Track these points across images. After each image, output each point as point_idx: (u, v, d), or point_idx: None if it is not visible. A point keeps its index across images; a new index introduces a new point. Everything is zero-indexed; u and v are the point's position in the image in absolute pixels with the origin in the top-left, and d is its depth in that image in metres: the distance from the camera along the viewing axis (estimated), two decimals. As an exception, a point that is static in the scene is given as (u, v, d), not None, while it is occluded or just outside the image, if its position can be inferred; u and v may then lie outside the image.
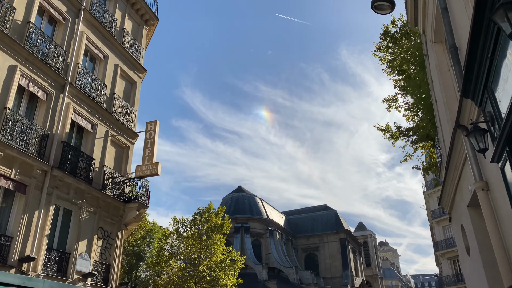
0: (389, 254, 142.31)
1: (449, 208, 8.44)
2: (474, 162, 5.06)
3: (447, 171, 7.13)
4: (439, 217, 41.08)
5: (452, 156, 6.39)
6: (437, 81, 7.78)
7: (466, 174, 6.02)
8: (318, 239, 66.89)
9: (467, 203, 6.19)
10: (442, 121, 7.90)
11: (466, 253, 7.13)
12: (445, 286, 39.09)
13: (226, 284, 32.87)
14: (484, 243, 5.95)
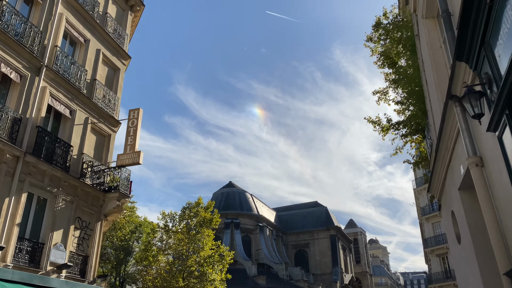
0: (379, 252, 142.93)
1: (439, 194, 8.00)
2: (467, 136, 4.59)
3: (436, 154, 6.67)
4: (429, 213, 40.95)
5: (442, 135, 5.92)
6: (428, 59, 7.31)
7: (458, 153, 5.55)
8: (308, 236, 66.60)
9: (458, 185, 5.73)
10: (432, 102, 7.45)
11: (456, 242, 6.70)
12: (434, 283, 38.96)
13: (214, 279, 32.45)
14: (476, 228, 5.51)
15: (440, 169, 6.88)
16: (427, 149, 13.23)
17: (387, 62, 17.37)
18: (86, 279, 13.70)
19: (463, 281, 6.77)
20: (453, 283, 36.63)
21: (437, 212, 39.90)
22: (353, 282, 68.00)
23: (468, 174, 5.23)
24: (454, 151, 5.73)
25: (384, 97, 19.23)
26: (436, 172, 7.35)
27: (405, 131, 18.58)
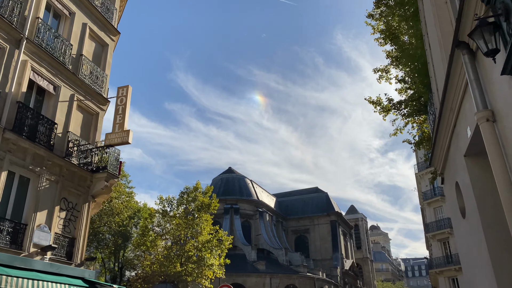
0: (380, 238, 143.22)
1: (442, 166, 7.35)
2: (476, 87, 3.92)
3: (440, 120, 6.01)
4: (430, 198, 40.40)
5: (447, 95, 5.24)
6: (431, 18, 6.58)
7: (465, 113, 4.88)
8: (308, 221, 66.35)
9: (464, 151, 5.08)
10: (436, 65, 6.75)
11: (460, 216, 6.08)
12: (435, 268, 38.60)
13: (212, 264, 32.17)
14: (483, 199, 4.87)
15: (444, 136, 6.21)
16: (429, 124, 12.56)
17: (390, 38, 16.63)
18: (73, 261, 13.19)
19: (468, 258, 6.18)
20: (454, 268, 36.29)
21: (439, 196, 39.38)
22: (353, 268, 67.96)
23: (475, 137, 4.58)
24: (460, 112, 5.07)
25: (385, 76, 18.51)
26: (439, 141, 6.68)
27: (407, 111, 17.91)
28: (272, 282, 44.68)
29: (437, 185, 40.37)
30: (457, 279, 36.75)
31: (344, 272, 60.60)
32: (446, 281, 37.78)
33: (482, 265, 5.00)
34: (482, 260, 4.89)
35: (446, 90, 4.97)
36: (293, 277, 46.78)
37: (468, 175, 5.03)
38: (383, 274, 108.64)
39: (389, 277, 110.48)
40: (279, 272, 46.75)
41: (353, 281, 66.03)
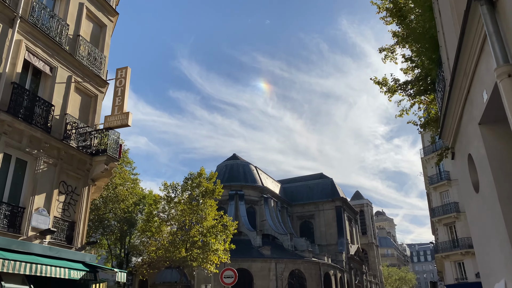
0: (385, 224, 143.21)
1: (453, 138, 6.95)
2: (496, 41, 3.51)
3: (451, 87, 5.58)
4: (437, 182, 39.99)
5: (460, 58, 4.82)
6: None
7: (481, 74, 4.47)
8: (313, 207, 66.26)
9: (479, 119, 4.68)
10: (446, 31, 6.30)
11: (473, 191, 5.70)
12: (440, 252, 38.40)
13: (217, 249, 32.17)
14: (500, 170, 4.50)
15: (456, 105, 5.80)
16: (437, 103, 12.10)
17: (397, 15, 16.06)
18: (73, 245, 13.01)
19: (481, 235, 5.83)
20: (460, 252, 36.08)
21: (445, 181, 38.97)
22: (359, 253, 68.00)
23: (492, 101, 4.18)
24: (475, 75, 4.65)
25: (391, 55, 17.99)
26: (451, 111, 6.27)
27: (413, 91, 17.45)
28: (278, 267, 44.74)
29: (444, 169, 39.94)
30: (463, 263, 36.56)
31: (349, 257, 60.66)
32: (452, 265, 37.60)
33: (498, 241, 4.65)
34: (499, 236, 4.54)
35: (460, 52, 4.55)
36: (298, 262, 46.82)
37: (483, 145, 4.64)
38: (388, 259, 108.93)
39: (395, 262, 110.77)
40: (284, 257, 46.80)
41: (358, 266, 66.12)
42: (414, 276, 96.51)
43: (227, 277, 14.37)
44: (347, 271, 58.50)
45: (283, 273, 44.30)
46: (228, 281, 14.28)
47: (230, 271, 14.52)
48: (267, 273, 44.31)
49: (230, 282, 14.25)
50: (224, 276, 14.44)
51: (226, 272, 14.54)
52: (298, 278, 45.28)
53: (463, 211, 37.13)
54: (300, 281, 45.31)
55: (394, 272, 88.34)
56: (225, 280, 14.37)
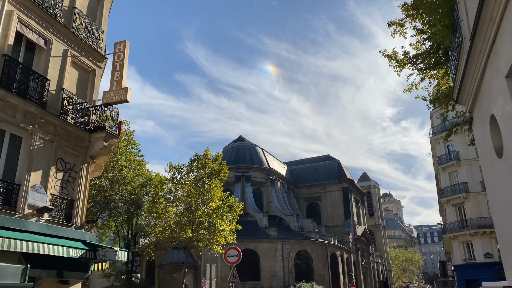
0: (392, 206, 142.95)
1: (472, 101, 6.36)
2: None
3: (473, 41, 4.97)
4: (446, 163, 39.32)
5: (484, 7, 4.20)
6: None
7: (510, 20, 3.86)
8: (320, 189, 65.98)
9: (506, 71, 4.10)
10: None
11: (495, 156, 5.15)
12: (448, 233, 37.97)
13: (223, 229, 32.10)
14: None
15: (478, 60, 5.20)
16: (451, 73, 11.43)
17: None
18: (72, 224, 12.70)
19: (502, 207, 5.30)
20: (468, 233, 35.63)
21: (454, 161, 38.28)
22: (365, 234, 67.88)
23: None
24: (503, 20, 4.04)
25: (400, 30, 17.29)
26: (471, 67, 5.67)
27: (424, 65, 16.79)
28: (284, 247, 44.72)
29: (453, 149, 39.19)
30: (472, 244, 36.14)
31: (356, 238, 60.55)
32: (460, 246, 37.21)
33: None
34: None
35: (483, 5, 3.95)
36: (304, 243, 46.74)
37: (510, 101, 4.08)
38: (395, 240, 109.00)
39: (402, 243, 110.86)
40: (291, 238, 46.73)
41: (365, 247, 66.07)
42: (421, 257, 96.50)
43: (231, 256, 14.04)
44: (354, 252, 58.46)
45: (289, 253, 44.28)
46: (232, 260, 13.96)
47: (234, 250, 14.18)
48: (274, 254, 44.33)
49: (234, 261, 13.93)
50: (228, 255, 14.12)
51: (230, 251, 14.20)
52: (305, 258, 45.27)
53: (472, 191, 36.55)
54: (306, 262, 45.30)
55: (401, 254, 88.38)
56: (229, 259, 14.05)
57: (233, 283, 13.69)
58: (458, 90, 6.74)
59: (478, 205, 36.18)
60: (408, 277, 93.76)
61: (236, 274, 13.95)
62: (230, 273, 13.93)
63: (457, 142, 38.98)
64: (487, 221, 35.35)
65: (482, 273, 34.19)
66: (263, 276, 43.29)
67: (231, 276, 13.78)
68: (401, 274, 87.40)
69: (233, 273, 13.81)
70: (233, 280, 13.65)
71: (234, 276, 13.73)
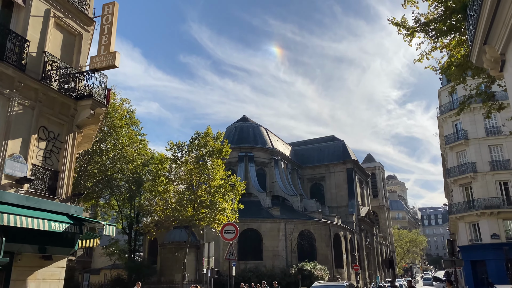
0: (397, 188, 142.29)
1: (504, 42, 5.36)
2: None
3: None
4: (453, 142, 38.18)
5: None
6: None
7: None
8: (324, 169, 65.16)
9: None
10: None
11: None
12: (454, 213, 37.11)
13: (224, 208, 31.49)
14: None
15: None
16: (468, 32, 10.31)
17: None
18: (57, 196, 11.90)
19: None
20: (475, 213, 34.78)
21: (462, 140, 37.16)
22: (369, 215, 67.33)
23: None
24: None
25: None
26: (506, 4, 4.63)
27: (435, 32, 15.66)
28: (287, 227, 44.19)
29: (461, 128, 38.02)
30: (478, 225, 35.31)
31: (359, 219, 59.99)
32: (466, 226, 36.40)
33: None
34: None
35: None
36: (308, 222, 46.18)
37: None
38: (399, 222, 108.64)
39: (405, 225, 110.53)
40: (294, 217, 46.17)
41: (369, 228, 65.59)
42: (425, 239, 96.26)
43: (228, 232, 13.23)
44: (357, 233, 57.97)
45: (292, 233, 43.77)
46: (228, 236, 13.16)
47: (231, 226, 13.38)
48: (277, 233, 43.85)
49: (231, 237, 13.14)
50: (225, 232, 13.30)
51: (227, 227, 13.39)
52: (308, 238, 44.77)
53: (480, 171, 35.54)
54: (309, 241, 44.82)
55: (405, 235, 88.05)
56: (226, 235, 13.25)
57: (230, 260, 12.92)
58: (487, 33, 5.73)
59: (486, 185, 35.20)
60: (411, 258, 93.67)
61: (233, 251, 13.19)
62: (227, 250, 13.15)
63: (466, 121, 37.78)
64: (495, 201, 34.44)
65: (488, 254, 33.48)
66: (266, 255, 42.90)
67: (227, 253, 13.01)
68: (404, 255, 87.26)
69: (230, 250, 13.03)
70: (230, 258, 12.89)
71: (231, 253, 12.96)
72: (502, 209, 33.89)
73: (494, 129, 36.69)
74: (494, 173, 35.22)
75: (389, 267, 14.74)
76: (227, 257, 13.03)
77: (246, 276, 37.12)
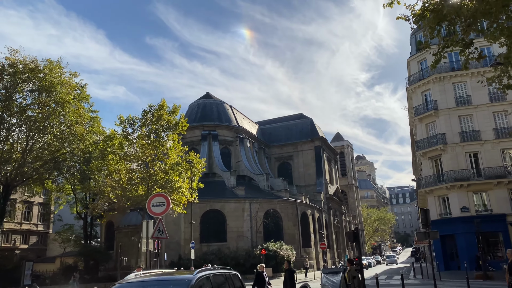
0: (366, 167, 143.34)
1: None
2: None
3: None
4: (422, 113, 36.66)
5: None
6: None
7: None
8: (292, 148, 63.29)
9: None
10: None
11: None
12: (424, 187, 35.82)
13: (180, 186, 28.79)
14: None
15: None
16: None
17: None
18: None
19: None
20: (445, 186, 33.56)
21: (432, 111, 35.70)
22: (338, 194, 66.26)
23: None
24: None
25: None
26: None
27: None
28: (252, 207, 42.08)
29: (431, 99, 36.54)
30: (448, 198, 34.16)
31: (328, 198, 58.70)
32: (436, 200, 35.22)
33: None
34: None
35: None
36: (274, 201, 44.19)
37: None
38: (368, 201, 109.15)
39: (374, 204, 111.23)
40: (259, 197, 44.05)
41: (337, 206, 64.57)
42: (393, 216, 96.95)
43: (157, 205, 10.53)
44: (326, 211, 56.66)
45: (257, 213, 41.66)
46: (157, 210, 10.49)
47: (161, 198, 10.66)
48: (241, 214, 41.67)
49: (160, 211, 10.47)
50: (153, 204, 10.57)
51: (155, 198, 10.63)
52: (274, 217, 42.81)
53: (450, 142, 34.25)
54: (275, 221, 42.90)
55: (373, 213, 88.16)
56: (154, 209, 10.54)
57: (159, 240, 10.29)
58: None
59: (456, 157, 33.94)
60: (380, 236, 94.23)
61: (164, 228, 10.49)
62: (155, 227, 10.48)
63: (435, 91, 36.32)
64: (465, 173, 33.28)
65: (458, 227, 32.41)
66: (230, 237, 40.73)
67: (156, 230, 10.36)
68: (373, 233, 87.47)
69: (158, 227, 10.36)
70: (159, 236, 10.25)
71: (160, 230, 10.29)
72: (472, 181, 32.78)
73: (464, 98, 35.39)
74: (464, 144, 33.99)
75: (353, 241, 12.58)
76: (154, 235, 10.37)
77: (207, 259, 34.77)
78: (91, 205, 33.59)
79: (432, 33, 15.12)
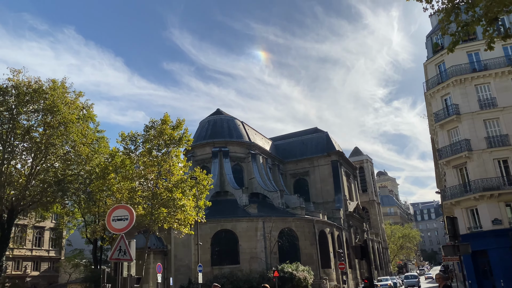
0: (388, 183, 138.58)
1: None
2: None
3: None
4: (443, 119, 33.96)
5: None
6: None
7: None
8: (307, 163, 60.73)
9: None
10: None
11: None
12: (449, 199, 32.80)
13: (183, 204, 26.86)
14: None
15: None
16: None
17: None
18: None
19: None
20: (473, 197, 30.50)
21: (453, 116, 32.99)
22: (358, 210, 62.96)
23: None
24: None
25: None
26: None
27: None
28: (265, 226, 39.64)
29: (451, 103, 33.88)
30: (477, 210, 31.05)
31: (348, 214, 55.60)
32: (463, 213, 32.01)
33: None
34: None
35: None
36: (288, 220, 41.66)
37: None
38: (391, 217, 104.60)
39: (398, 220, 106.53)
40: (273, 215, 41.56)
41: (358, 223, 61.22)
42: (418, 233, 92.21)
43: (118, 219, 8.53)
44: (346, 229, 53.56)
45: (271, 232, 39.17)
46: (118, 225, 8.45)
47: (123, 210, 8.64)
48: (254, 233, 39.26)
49: (122, 226, 8.46)
50: (113, 218, 8.57)
51: (116, 211, 8.57)
52: (289, 237, 40.24)
53: (476, 149, 31.36)
54: (291, 240, 40.28)
55: (397, 230, 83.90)
56: (114, 224, 8.51)
57: (121, 261, 8.27)
58: None
59: (483, 164, 30.97)
60: (405, 254, 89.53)
61: (127, 247, 8.45)
62: (115, 246, 8.44)
63: (456, 94, 33.68)
64: (494, 182, 30.23)
65: (490, 242, 29.15)
66: (242, 258, 38.25)
67: (115, 250, 8.31)
68: (398, 251, 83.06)
69: (119, 246, 8.33)
70: (120, 258, 8.23)
71: (121, 250, 8.25)
72: (502, 191, 29.64)
73: (489, 101, 32.61)
74: (491, 150, 31.04)
75: (362, 257, 10.23)
76: (113, 256, 8.27)
77: (219, 283, 32.36)
78: (90, 228, 31.88)
79: (448, 17, 12.91)
